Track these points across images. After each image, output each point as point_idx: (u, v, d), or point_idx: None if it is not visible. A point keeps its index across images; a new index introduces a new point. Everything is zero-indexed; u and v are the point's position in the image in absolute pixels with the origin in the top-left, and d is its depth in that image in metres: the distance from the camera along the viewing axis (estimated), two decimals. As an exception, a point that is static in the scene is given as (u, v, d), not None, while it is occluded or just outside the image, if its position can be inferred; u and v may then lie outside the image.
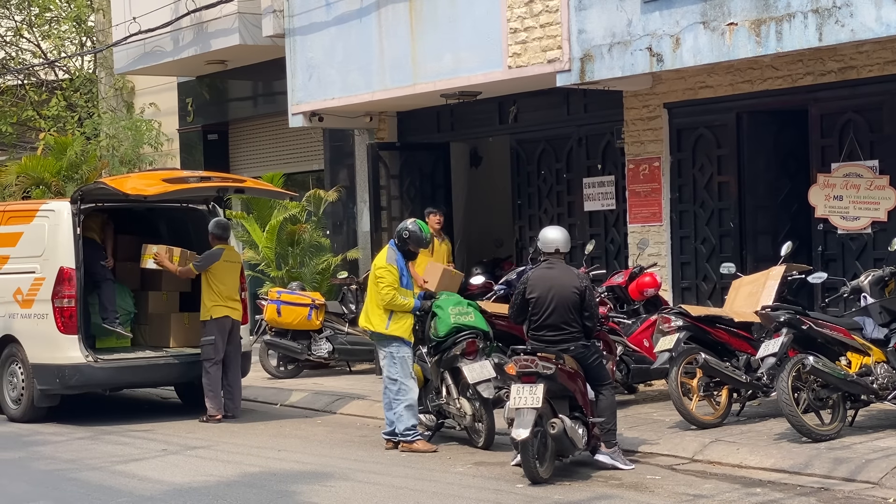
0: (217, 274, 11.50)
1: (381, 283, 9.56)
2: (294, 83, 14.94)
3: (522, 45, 12.33)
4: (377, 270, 9.64)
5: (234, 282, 11.60)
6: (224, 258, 11.58)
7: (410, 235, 9.71)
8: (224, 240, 11.74)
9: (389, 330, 9.58)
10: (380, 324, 9.60)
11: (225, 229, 11.81)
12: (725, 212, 12.27)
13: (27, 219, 12.03)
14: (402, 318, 9.63)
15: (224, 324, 11.49)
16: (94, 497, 8.32)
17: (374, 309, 9.64)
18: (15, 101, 21.23)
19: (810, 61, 11.27)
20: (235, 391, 11.69)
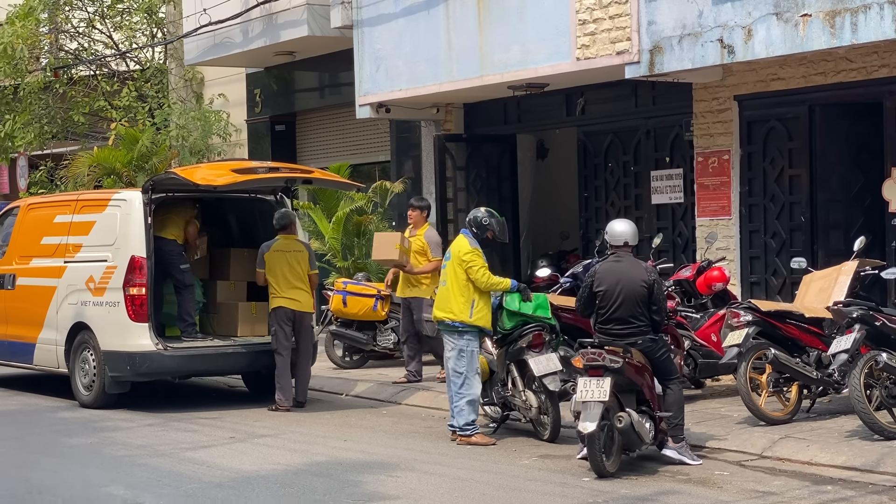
0: (270, 265, 11.58)
1: (475, 265, 9.53)
2: (361, 74, 14.99)
3: (591, 36, 12.26)
4: (464, 255, 9.59)
5: (291, 271, 11.58)
6: (275, 248, 11.63)
7: (488, 223, 9.72)
8: (283, 229, 11.79)
9: (473, 319, 9.56)
10: (463, 312, 9.56)
11: (281, 219, 11.83)
12: (796, 206, 12.11)
13: (100, 208, 12.21)
14: (485, 308, 9.63)
15: (282, 314, 11.54)
16: (163, 483, 8.43)
17: (458, 298, 9.59)
18: (87, 92, 21.53)
19: (886, 53, 11.07)
20: (301, 380, 11.76)
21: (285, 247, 11.65)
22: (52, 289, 12.41)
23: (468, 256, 9.57)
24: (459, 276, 9.60)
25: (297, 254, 11.68)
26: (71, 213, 12.59)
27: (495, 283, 9.57)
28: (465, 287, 9.57)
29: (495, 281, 9.57)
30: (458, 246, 9.72)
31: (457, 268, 9.62)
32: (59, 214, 12.79)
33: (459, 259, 9.62)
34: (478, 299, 9.59)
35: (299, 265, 11.65)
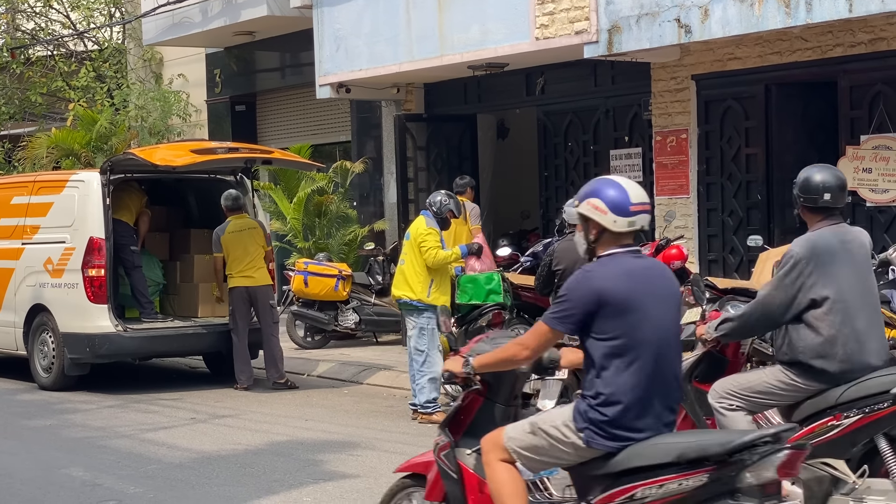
0: (227, 248, 11.57)
1: (425, 245, 9.57)
2: (321, 54, 14.95)
3: (550, 16, 12.29)
4: (420, 236, 9.64)
5: (245, 251, 11.57)
6: (229, 230, 11.62)
7: (450, 202, 9.77)
8: (233, 210, 11.77)
9: (430, 298, 9.61)
10: (422, 292, 9.61)
11: (230, 199, 11.81)
12: (753, 184, 12.23)
13: (57, 189, 12.14)
14: (443, 287, 9.68)
15: (237, 294, 11.54)
16: (123, 464, 8.44)
17: (415, 277, 9.65)
18: (44, 72, 21.36)
19: (840, 33, 11.18)
20: (271, 358, 11.68)
21: (238, 227, 11.66)
22: (9, 271, 12.34)
23: (422, 236, 9.63)
24: (417, 256, 9.65)
25: (251, 231, 11.68)
26: (28, 195, 12.51)
27: (443, 257, 9.60)
28: (422, 267, 9.62)
29: (443, 255, 9.60)
30: (416, 226, 9.78)
31: (414, 247, 9.67)
32: (16, 196, 12.71)
33: (415, 238, 9.67)
34: (435, 280, 9.64)
35: (254, 242, 11.65)
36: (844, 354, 5.58)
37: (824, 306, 5.60)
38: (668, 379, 4.59)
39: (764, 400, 5.75)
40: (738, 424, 5.66)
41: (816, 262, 5.63)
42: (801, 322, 5.64)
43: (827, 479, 5.47)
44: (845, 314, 5.60)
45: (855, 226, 6.37)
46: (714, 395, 5.84)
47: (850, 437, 5.52)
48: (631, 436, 4.47)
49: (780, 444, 4.27)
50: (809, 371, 5.60)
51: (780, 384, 5.68)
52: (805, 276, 5.62)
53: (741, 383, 5.81)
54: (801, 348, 5.63)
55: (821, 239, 5.73)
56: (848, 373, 5.58)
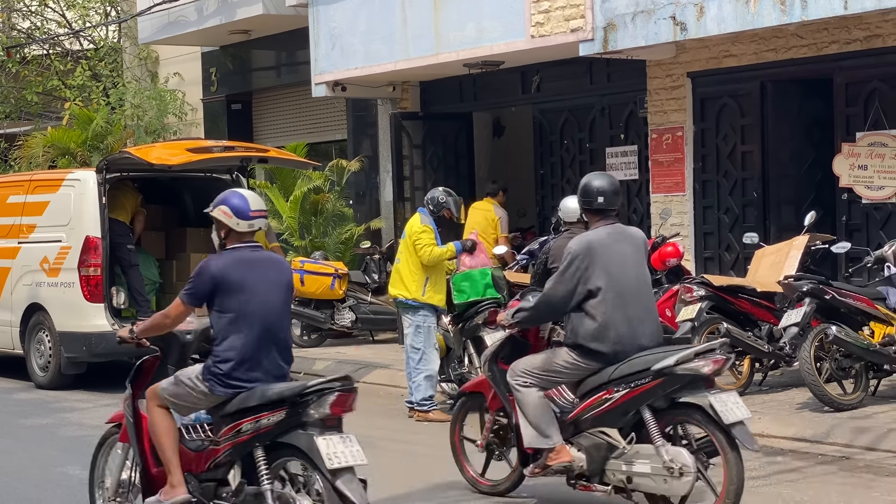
0: None
1: (420, 242, 9.59)
2: (317, 53, 14.95)
3: (545, 14, 12.29)
4: (414, 234, 9.65)
5: None
6: None
7: (445, 202, 9.77)
8: None
9: (425, 297, 9.61)
10: (417, 290, 9.63)
11: None
12: (749, 181, 12.24)
13: (53, 188, 12.14)
14: (438, 285, 9.69)
15: None
16: (120, 463, 8.42)
17: (410, 276, 9.66)
18: (40, 71, 21.33)
19: (835, 30, 11.20)
20: None
21: None
22: (6, 270, 12.34)
23: (417, 234, 9.63)
24: (412, 255, 9.66)
25: None
26: (24, 194, 12.50)
27: (438, 254, 9.62)
28: (417, 265, 9.64)
29: (438, 253, 9.61)
30: (411, 224, 9.80)
31: (409, 246, 9.68)
32: (12, 195, 12.70)
33: (410, 236, 9.68)
34: (430, 278, 9.65)
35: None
36: (617, 337, 6.37)
37: (599, 296, 6.39)
38: (274, 343, 5.91)
39: (553, 378, 6.58)
40: (531, 400, 6.55)
41: (592, 257, 6.42)
42: (581, 310, 6.44)
43: (604, 446, 6.41)
44: (617, 303, 6.39)
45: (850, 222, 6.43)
46: (511, 374, 6.69)
47: (621, 409, 6.34)
48: (242, 385, 5.82)
49: (334, 388, 5.72)
50: (588, 352, 6.43)
51: (566, 364, 6.51)
52: (582, 271, 6.42)
53: (534, 363, 6.63)
54: (581, 333, 6.44)
55: (596, 237, 6.53)
56: (620, 353, 6.37)
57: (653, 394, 6.27)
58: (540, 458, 6.62)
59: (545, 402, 6.58)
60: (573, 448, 6.49)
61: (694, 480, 6.11)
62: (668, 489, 6.18)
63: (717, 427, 6.08)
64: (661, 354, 6.29)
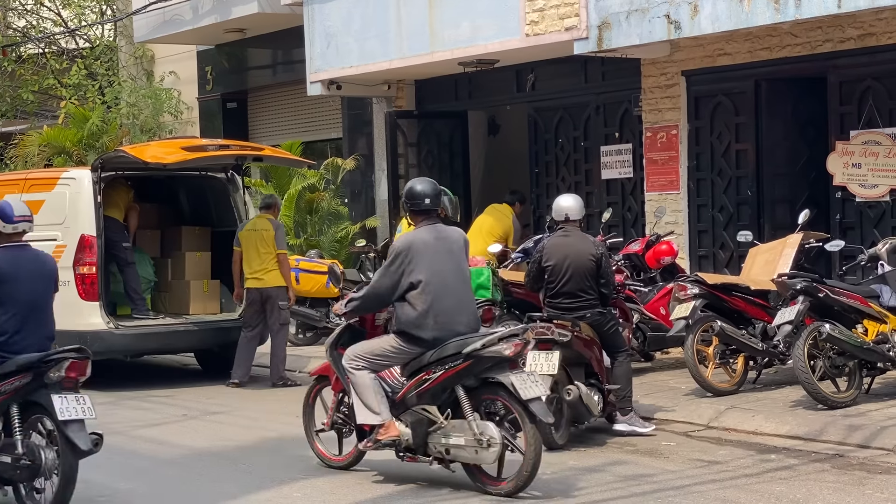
0: (243, 244, 11.69)
1: None
2: (312, 51, 14.96)
3: (540, 12, 12.31)
4: None
5: (256, 250, 11.60)
6: (247, 227, 11.74)
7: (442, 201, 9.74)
8: (264, 209, 11.97)
9: None
10: None
11: (262, 199, 12.18)
12: (743, 180, 12.26)
13: (48, 187, 12.13)
14: None
15: (250, 295, 11.65)
16: (115, 460, 8.43)
17: None
18: (36, 70, 21.32)
19: (829, 28, 11.22)
20: (272, 359, 11.76)
21: (254, 226, 11.77)
22: (1, 268, 12.32)
23: None
24: None
25: (262, 232, 11.69)
26: (19, 193, 12.46)
27: None
28: None
29: None
30: (408, 224, 9.76)
31: None
32: (7, 194, 12.61)
33: None
34: None
35: (264, 244, 11.65)
36: (436, 325, 7.15)
37: (420, 288, 7.14)
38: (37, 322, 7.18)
39: (382, 361, 7.34)
40: (363, 381, 7.30)
41: (414, 254, 7.19)
42: (404, 301, 7.19)
43: (425, 421, 7.20)
44: (437, 294, 7.15)
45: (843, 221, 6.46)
46: (346, 358, 7.43)
47: (439, 388, 7.14)
48: (10, 356, 6.96)
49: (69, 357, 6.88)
50: (411, 338, 7.20)
51: (392, 349, 7.29)
52: (405, 265, 7.18)
53: (365, 349, 7.39)
54: (404, 321, 7.20)
55: (418, 236, 7.31)
56: (439, 339, 7.14)
57: (464, 374, 7.07)
58: (372, 433, 7.33)
59: (376, 383, 7.31)
60: (401, 424, 7.25)
61: (500, 450, 6.94)
62: (479, 458, 7.03)
63: (517, 402, 6.93)
64: (472, 339, 7.07)
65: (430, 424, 7.18)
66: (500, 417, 7.09)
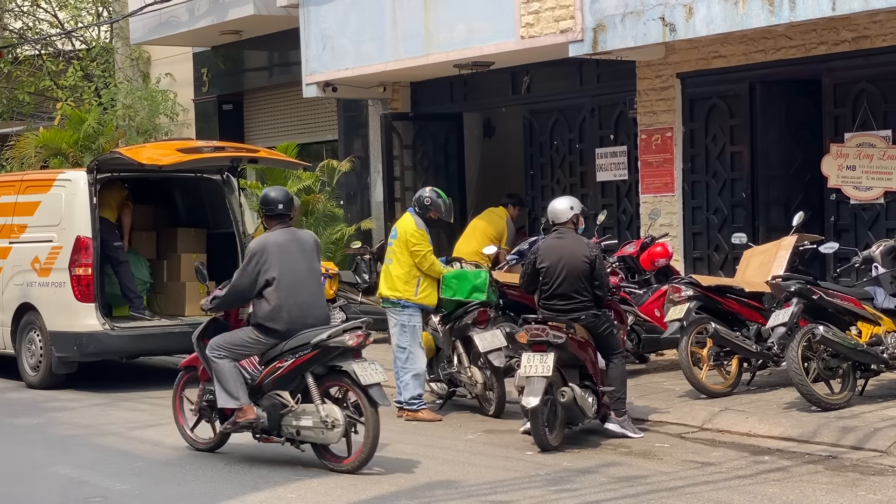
0: None
1: (420, 248, 9.61)
2: (308, 53, 14.97)
3: (535, 15, 12.33)
4: (411, 237, 9.65)
5: None
6: (259, 229, 11.77)
7: (432, 203, 9.78)
8: None
9: (418, 297, 9.64)
10: (409, 291, 9.65)
11: None
12: (738, 182, 12.28)
13: (44, 188, 12.14)
14: (430, 287, 9.71)
15: None
16: (110, 461, 8.46)
17: (403, 277, 9.67)
18: (32, 71, 21.32)
19: (824, 31, 11.25)
20: None
21: None
22: (-4, 270, 12.34)
23: (415, 237, 9.65)
24: (405, 256, 9.67)
25: None
26: (15, 194, 12.51)
27: (438, 270, 9.72)
28: (410, 266, 9.66)
29: (438, 269, 9.72)
30: (405, 226, 9.78)
31: (403, 247, 9.69)
32: (3, 195, 12.70)
33: (405, 239, 9.69)
34: (423, 278, 9.68)
35: None
36: (289, 318, 7.94)
37: (273, 285, 7.94)
38: None
39: (241, 351, 8.11)
40: (224, 368, 8.03)
41: (268, 254, 7.98)
42: (261, 297, 7.99)
43: (279, 405, 7.96)
44: (289, 290, 7.96)
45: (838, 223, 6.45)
46: (209, 348, 8.17)
47: (290, 375, 7.90)
48: None
49: None
50: (266, 330, 8.00)
51: (250, 340, 8.07)
52: (261, 265, 7.97)
53: (226, 339, 8.14)
54: (260, 315, 8.00)
55: (272, 238, 8.10)
56: (292, 331, 7.93)
57: (313, 362, 7.82)
58: (232, 416, 8.08)
59: (236, 371, 8.05)
60: (258, 408, 8.00)
61: (343, 431, 7.72)
62: (325, 438, 7.79)
63: (358, 387, 7.70)
64: (320, 331, 7.84)
65: (282, 408, 7.93)
66: (346, 402, 7.88)
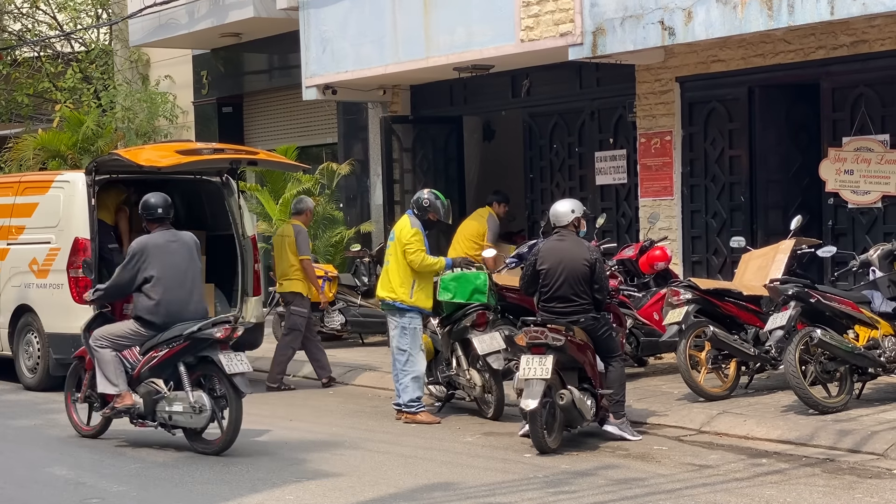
0: (274, 251, 11.98)
1: (411, 247, 9.62)
2: (308, 56, 14.98)
3: (535, 18, 12.34)
4: (405, 237, 9.67)
5: (279, 257, 11.85)
6: (277, 232, 12.08)
7: (431, 204, 9.79)
8: (294, 215, 12.12)
9: (413, 300, 9.65)
10: (404, 293, 9.66)
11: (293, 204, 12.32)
12: (736, 186, 12.30)
13: (42, 190, 12.14)
14: (426, 288, 9.72)
15: (285, 298, 11.92)
16: (107, 463, 8.45)
17: (398, 278, 9.68)
18: (31, 73, 21.34)
19: (822, 35, 11.26)
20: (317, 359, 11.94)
21: (281, 231, 12.05)
22: (-5, 271, 12.34)
23: (409, 238, 9.65)
24: (401, 257, 9.68)
25: (286, 238, 11.83)
26: (13, 195, 12.50)
27: (429, 263, 9.67)
28: (406, 268, 9.67)
29: (430, 262, 9.67)
30: (401, 227, 9.80)
31: (398, 248, 9.70)
32: (1, 196, 12.70)
33: (400, 240, 9.70)
34: (417, 280, 9.68)
35: (284, 249, 11.76)
36: (166, 313, 8.70)
37: (152, 282, 8.74)
38: None
39: (122, 342, 8.84)
40: (104, 357, 8.77)
41: (147, 254, 8.79)
42: (141, 292, 8.77)
43: (154, 392, 8.67)
44: (167, 287, 8.74)
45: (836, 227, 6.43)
46: (92, 338, 8.87)
47: (164, 364, 8.66)
48: None
49: None
50: (145, 323, 8.78)
51: (131, 331, 8.84)
52: (141, 263, 8.77)
53: (109, 330, 8.90)
54: (140, 308, 8.79)
55: (151, 239, 8.91)
56: (169, 324, 8.68)
57: (184, 353, 8.58)
58: (111, 402, 8.79)
59: (116, 360, 8.76)
60: (136, 395, 8.71)
61: (210, 416, 8.44)
62: (193, 423, 8.52)
63: (224, 376, 8.43)
64: (192, 324, 8.56)
65: (157, 394, 8.65)
66: (214, 389, 8.53)
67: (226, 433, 8.49)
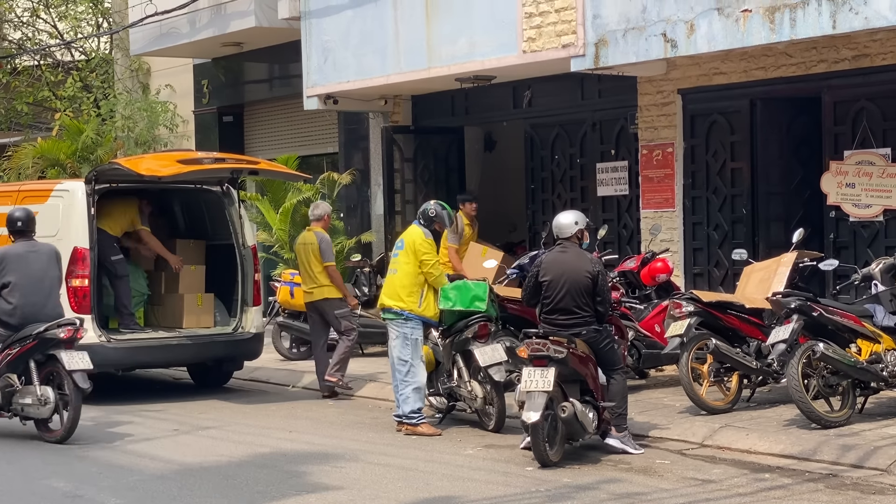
0: (298, 260, 11.87)
1: (429, 257, 9.62)
2: (309, 66, 14.97)
3: (537, 29, 12.33)
4: (420, 246, 9.64)
5: (304, 266, 11.72)
6: (298, 241, 11.98)
7: (437, 215, 9.79)
8: (313, 221, 11.99)
9: (422, 309, 9.62)
10: (413, 302, 9.63)
11: (311, 210, 12.21)
12: (738, 198, 12.28)
13: (41, 199, 12.09)
14: (433, 299, 9.70)
15: (308, 308, 11.86)
16: (105, 475, 8.41)
17: (407, 287, 9.64)
18: (31, 82, 21.32)
19: (824, 49, 11.25)
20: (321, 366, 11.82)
21: (303, 239, 11.89)
22: (-6, 280, 12.27)
23: (425, 247, 9.65)
24: (412, 267, 9.64)
25: (309, 246, 11.70)
26: (13, 204, 12.43)
27: (443, 282, 9.72)
28: (416, 277, 9.63)
29: (443, 282, 9.72)
30: (413, 237, 9.76)
31: (410, 257, 9.66)
32: (0, 205, 12.65)
33: (415, 249, 9.66)
34: (427, 290, 9.66)
35: (308, 257, 11.67)
36: (23, 315, 9.68)
37: (10, 287, 9.70)
38: None
39: None
40: None
41: (7, 262, 9.78)
42: (1, 297, 9.70)
43: (10, 386, 9.68)
44: (24, 292, 9.72)
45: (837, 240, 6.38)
46: None
47: (17, 361, 9.66)
48: None
49: None
50: (4, 324, 9.75)
51: None
52: (2, 271, 9.70)
53: None
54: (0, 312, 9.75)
55: (12, 249, 9.95)
56: (25, 325, 9.64)
57: (34, 351, 9.59)
58: None
59: None
60: None
61: (53, 408, 9.53)
62: (40, 413, 9.59)
63: (66, 372, 9.45)
64: (41, 325, 9.53)
65: (11, 388, 9.65)
66: (61, 384, 9.49)
67: (66, 424, 9.53)
